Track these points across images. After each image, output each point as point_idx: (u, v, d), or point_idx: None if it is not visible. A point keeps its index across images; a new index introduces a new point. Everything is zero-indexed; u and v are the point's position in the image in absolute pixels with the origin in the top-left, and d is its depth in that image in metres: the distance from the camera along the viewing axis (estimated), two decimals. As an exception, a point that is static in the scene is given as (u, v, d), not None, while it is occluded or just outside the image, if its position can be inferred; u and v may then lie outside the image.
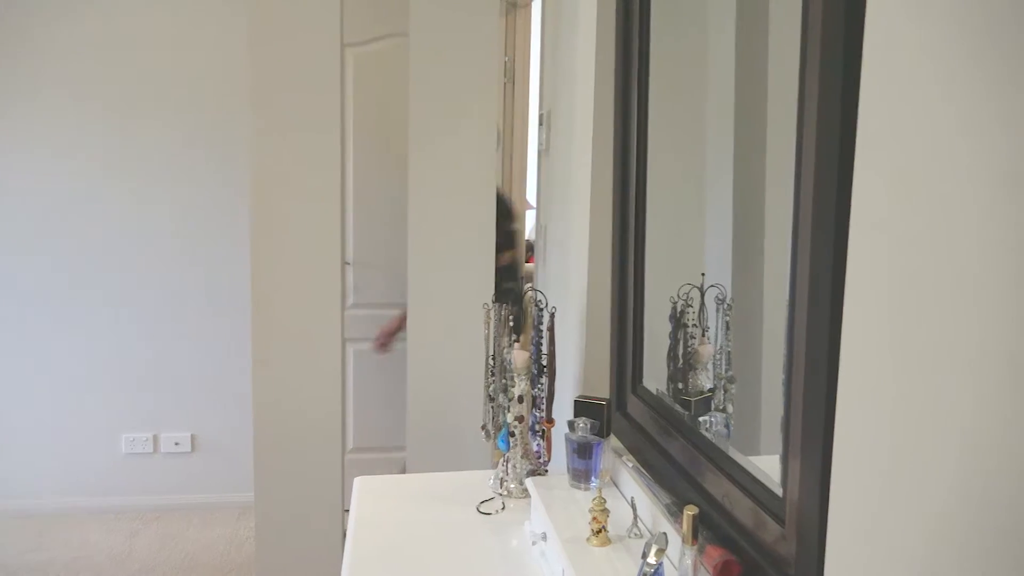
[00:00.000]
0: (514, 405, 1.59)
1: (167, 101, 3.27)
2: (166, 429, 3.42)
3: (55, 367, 3.34)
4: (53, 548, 3.07)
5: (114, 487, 3.42)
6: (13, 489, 3.36)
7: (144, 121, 3.27)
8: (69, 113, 3.22)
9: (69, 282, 3.30)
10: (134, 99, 3.25)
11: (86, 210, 3.28)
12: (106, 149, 3.26)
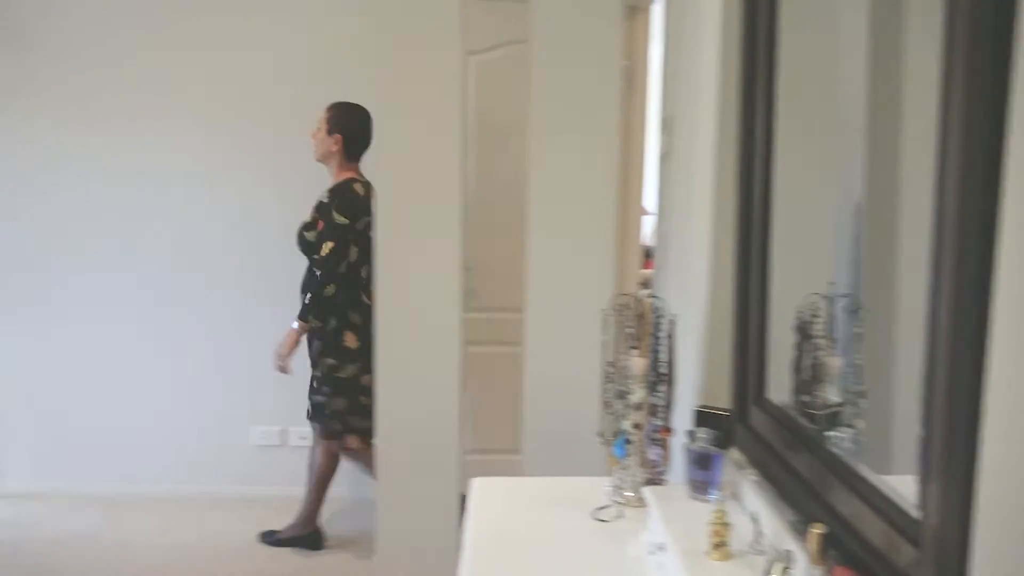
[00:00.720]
0: (631, 412, 1.57)
1: (283, 107, 3.42)
2: (294, 424, 3.57)
3: (192, 362, 3.55)
4: (184, 532, 3.26)
5: (244, 477, 3.60)
6: (152, 475, 3.60)
7: (268, 126, 3.44)
8: (190, 115, 3.43)
9: (205, 282, 3.51)
10: (251, 103, 3.43)
11: (214, 212, 3.48)
12: (237, 151, 3.45)
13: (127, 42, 3.38)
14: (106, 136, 3.43)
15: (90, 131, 3.42)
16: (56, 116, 3.41)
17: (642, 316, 1.62)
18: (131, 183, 3.46)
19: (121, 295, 3.53)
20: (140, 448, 3.60)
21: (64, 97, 3.39)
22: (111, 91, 3.41)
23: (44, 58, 3.37)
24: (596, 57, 2.41)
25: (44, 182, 3.44)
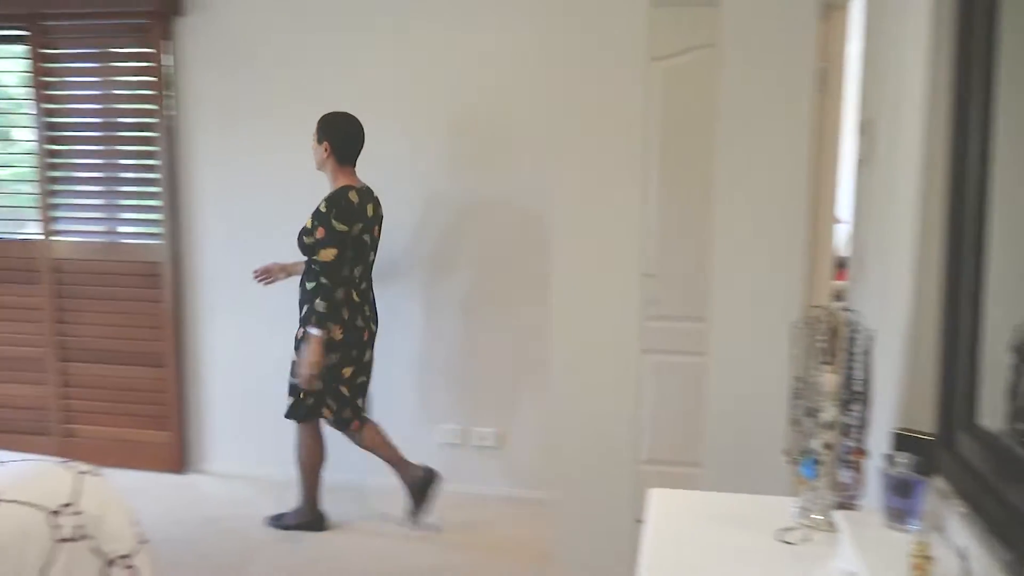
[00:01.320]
0: (822, 431, 1.50)
1: (472, 114, 3.53)
2: (476, 423, 3.69)
3: (382, 358, 3.75)
4: (372, 522, 3.45)
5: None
6: (345, 465, 3.83)
7: (445, 132, 3.57)
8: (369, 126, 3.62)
9: (398, 285, 3.70)
10: (436, 107, 3.57)
11: (397, 213, 3.65)
12: (408, 158, 3.61)
13: (336, 52, 3.63)
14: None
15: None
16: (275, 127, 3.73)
17: (835, 330, 1.54)
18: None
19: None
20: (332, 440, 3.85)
21: (280, 110, 3.70)
22: (320, 98, 3.68)
23: (269, 76, 3.69)
24: (788, 59, 2.32)
25: (259, 182, 3.77)
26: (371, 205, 3.18)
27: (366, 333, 3.22)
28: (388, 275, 3.69)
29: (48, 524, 2.07)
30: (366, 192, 3.18)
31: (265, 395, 3.81)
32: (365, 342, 3.22)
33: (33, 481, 2.17)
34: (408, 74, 3.57)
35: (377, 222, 3.22)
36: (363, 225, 3.10)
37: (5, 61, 3.96)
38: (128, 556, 2.23)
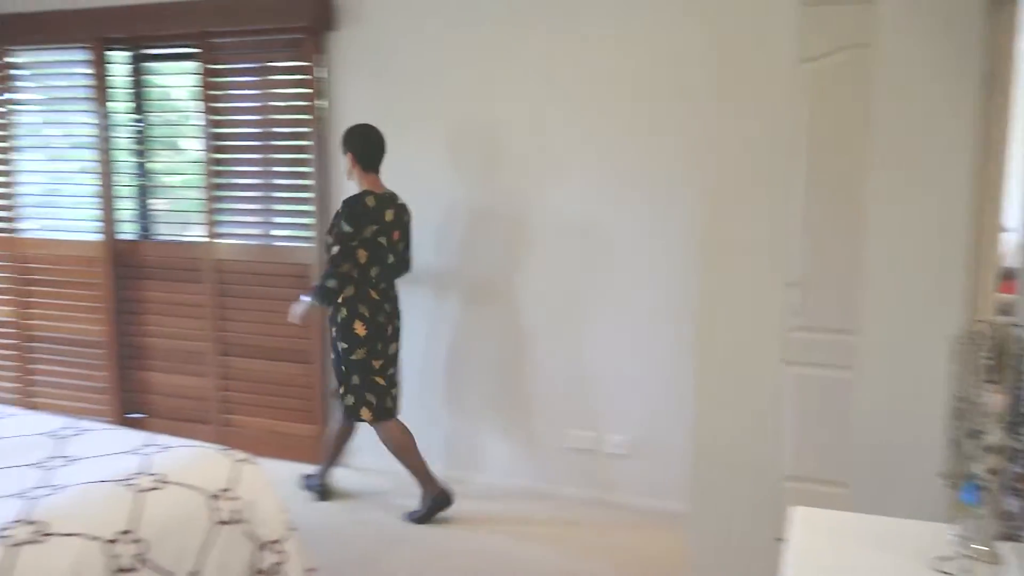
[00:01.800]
0: (986, 455, 1.40)
1: (620, 112, 3.52)
2: (608, 430, 3.68)
3: (514, 362, 3.80)
4: (505, 523, 3.50)
5: (555, 477, 3.77)
6: (475, 465, 3.91)
7: (583, 136, 3.56)
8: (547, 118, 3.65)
9: (529, 289, 3.74)
10: (588, 107, 3.57)
11: (542, 218, 3.68)
12: (579, 155, 3.63)
13: (482, 62, 3.72)
14: (494, 145, 3.81)
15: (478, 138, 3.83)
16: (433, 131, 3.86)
17: (1002, 347, 1.43)
18: (512, 182, 3.79)
19: (473, 285, 3.88)
20: (473, 440, 3.93)
21: (427, 118, 3.83)
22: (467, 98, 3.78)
23: (417, 86, 3.83)
24: (950, 58, 2.19)
25: (404, 188, 3.90)
26: (391, 210, 3.39)
27: (389, 328, 3.45)
28: (520, 280, 3.73)
29: (208, 507, 2.23)
30: (387, 198, 3.40)
31: (406, 391, 3.94)
32: (388, 336, 3.45)
33: (196, 466, 2.34)
34: (553, 80, 3.60)
35: (398, 227, 3.43)
36: (378, 228, 3.33)
37: (178, 76, 4.30)
38: (278, 542, 2.36)
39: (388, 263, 3.42)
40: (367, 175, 3.42)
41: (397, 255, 3.46)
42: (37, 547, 1.86)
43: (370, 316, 3.37)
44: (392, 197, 3.44)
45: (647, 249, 3.54)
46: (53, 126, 4.54)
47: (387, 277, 3.45)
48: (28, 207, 4.56)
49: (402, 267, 3.54)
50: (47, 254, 4.47)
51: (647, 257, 3.54)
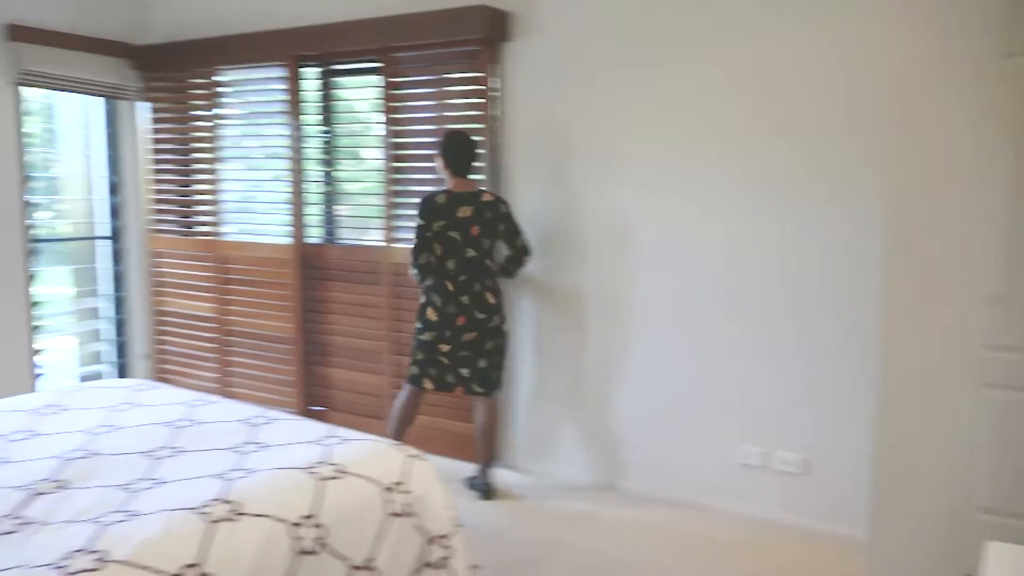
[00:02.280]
0: None
1: (792, 128, 3.38)
2: (779, 446, 3.53)
3: (682, 371, 3.72)
4: (669, 536, 3.43)
5: (726, 493, 3.66)
6: (642, 476, 3.86)
7: (764, 146, 3.43)
8: (690, 139, 3.57)
9: (707, 300, 3.65)
10: (757, 125, 3.44)
11: (712, 228, 3.59)
12: (724, 175, 3.52)
13: (655, 72, 3.69)
14: (670, 145, 3.79)
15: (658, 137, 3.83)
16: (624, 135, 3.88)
17: None
18: (677, 187, 3.75)
19: (647, 299, 3.85)
20: (636, 449, 3.90)
21: (599, 129, 3.84)
22: (664, 96, 3.76)
23: (590, 96, 3.86)
24: None
25: (575, 195, 3.94)
26: (466, 208, 3.63)
27: (460, 319, 3.65)
28: (688, 292, 3.65)
29: (382, 499, 2.34)
30: (465, 196, 3.64)
31: (566, 399, 3.97)
32: (459, 326, 3.66)
33: (372, 459, 2.47)
34: (730, 89, 3.52)
35: (477, 223, 3.64)
36: (446, 223, 3.62)
37: (361, 90, 4.56)
38: (446, 537, 2.44)
39: (466, 257, 3.64)
40: (453, 177, 3.69)
41: (480, 250, 3.66)
42: (232, 524, 2.02)
43: (442, 305, 3.66)
44: (474, 196, 3.65)
45: (820, 261, 3.36)
46: (251, 138, 4.94)
47: (467, 270, 3.65)
48: (229, 212, 4.98)
49: (482, 261, 3.68)
50: (244, 256, 4.86)
51: (819, 270, 3.37)
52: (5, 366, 4.60)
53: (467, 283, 3.66)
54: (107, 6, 4.99)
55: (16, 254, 4.60)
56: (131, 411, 2.91)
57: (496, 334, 3.75)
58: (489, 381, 3.77)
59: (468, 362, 3.73)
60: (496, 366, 3.79)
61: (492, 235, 3.69)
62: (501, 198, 3.76)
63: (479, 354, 3.72)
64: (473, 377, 3.74)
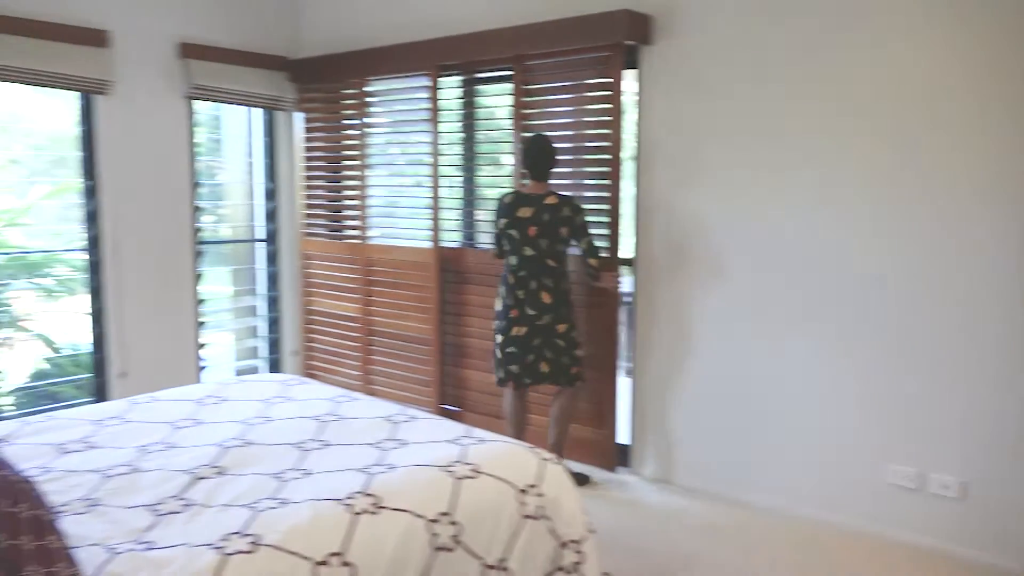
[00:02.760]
0: None
1: (936, 134, 3.17)
2: (935, 468, 3.31)
3: (830, 385, 3.56)
4: (813, 560, 3.28)
5: (872, 515, 3.47)
6: (776, 490, 3.72)
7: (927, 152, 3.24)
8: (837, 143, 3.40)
9: (859, 313, 3.48)
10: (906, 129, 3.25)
11: (867, 239, 3.41)
12: (882, 182, 3.34)
13: (798, 75, 3.57)
14: (787, 154, 3.68)
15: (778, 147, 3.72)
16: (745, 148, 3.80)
17: None
18: (802, 194, 3.64)
19: (793, 308, 3.72)
20: (775, 463, 3.77)
21: (738, 131, 3.75)
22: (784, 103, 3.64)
23: (728, 99, 3.78)
24: None
25: (711, 196, 3.86)
26: (527, 208, 3.80)
27: (514, 311, 3.86)
28: (839, 304, 3.50)
29: (516, 500, 2.37)
30: (530, 198, 3.82)
31: (698, 409, 3.89)
32: (512, 319, 3.86)
33: (507, 461, 2.51)
34: (872, 94, 3.35)
35: (536, 224, 3.77)
36: (508, 221, 3.84)
37: (497, 97, 4.64)
38: (578, 542, 2.44)
39: (525, 255, 3.82)
40: (532, 180, 3.89)
41: (539, 250, 3.79)
42: (373, 517, 2.11)
43: (503, 297, 3.93)
44: (537, 197, 3.80)
45: (984, 274, 3.14)
46: (395, 145, 5.12)
47: (525, 267, 3.83)
48: (374, 217, 5.19)
49: (542, 260, 3.80)
50: (387, 259, 5.05)
51: (983, 283, 3.14)
52: (176, 358, 4.98)
53: (524, 280, 3.83)
54: (267, 23, 5.32)
55: (187, 255, 4.98)
56: (283, 404, 3.08)
57: (546, 332, 3.84)
58: (538, 374, 3.89)
59: (517, 358, 3.88)
60: (545, 359, 3.87)
61: (552, 236, 3.77)
62: (569, 201, 3.80)
63: (528, 350, 3.86)
64: (523, 372, 3.89)
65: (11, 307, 4.89)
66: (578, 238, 3.82)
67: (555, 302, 3.83)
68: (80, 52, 4.35)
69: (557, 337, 3.86)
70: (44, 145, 5.12)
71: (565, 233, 3.79)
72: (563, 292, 3.87)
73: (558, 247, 3.82)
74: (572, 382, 3.92)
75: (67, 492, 2.23)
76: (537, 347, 3.86)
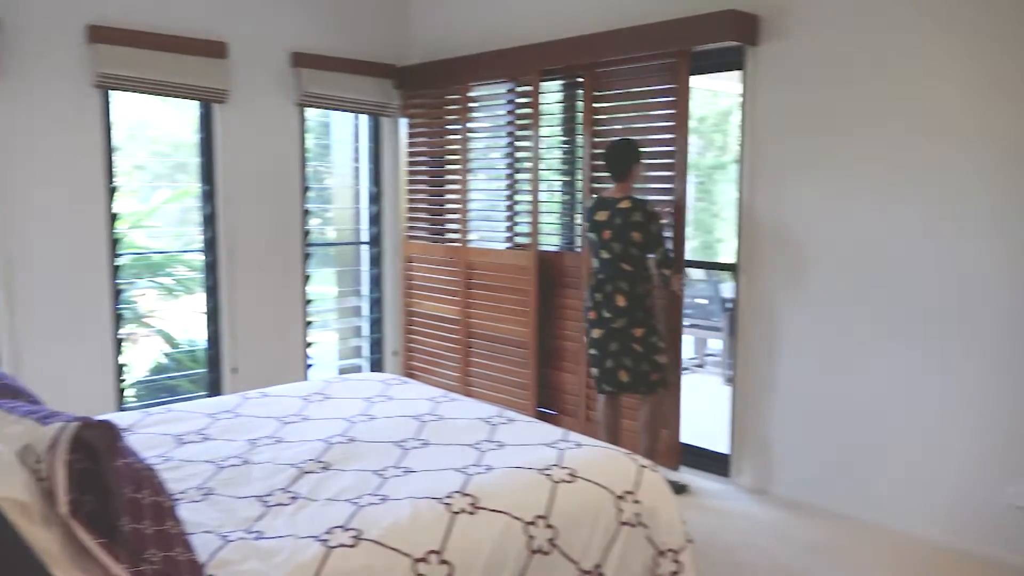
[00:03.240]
0: None
1: None
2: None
3: (943, 399, 3.39)
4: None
5: (991, 537, 3.27)
6: (889, 509, 3.55)
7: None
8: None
9: (968, 327, 3.31)
10: None
11: (977, 248, 3.23)
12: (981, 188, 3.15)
13: (911, 75, 3.42)
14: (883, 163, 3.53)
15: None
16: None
17: None
18: (908, 199, 3.49)
19: (902, 317, 3.56)
20: (887, 481, 3.61)
21: (851, 132, 3.62)
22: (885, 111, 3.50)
23: (839, 100, 3.65)
24: None
25: (818, 201, 3.74)
26: (603, 212, 3.85)
27: (593, 313, 3.90)
28: (965, 320, 3.32)
29: (614, 506, 2.35)
30: (607, 201, 3.86)
31: (800, 419, 3.76)
32: (592, 321, 3.91)
33: (604, 466, 2.49)
34: (994, 96, 3.17)
35: (609, 228, 3.81)
36: (589, 225, 3.92)
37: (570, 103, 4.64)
38: (676, 551, 2.40)
39: (603, 258, 3.86)
40: (616, 183, 3.90)
41: (613, 253, 3.81)
42: (470, 517, 2.13)
43: (585, 299, 4.01)
44: (613, 201, 3.83)
45: None
46: (496, 149, 5.17)
47: (604, 270, 3.87)
48: (474, 220, 5.25)
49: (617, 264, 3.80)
50: (487, 262, 5.10)
51: None
52: (286, 356, 5.18)
53: (603, 282, 3.87)
54: (377, 33, 5.47)
55: (296, 257, 5.17)
56: (384, 403, 3.16)
57: (621, 335, 3.83)
58: (617, 382, 3.86)
59: (597, 361, 3.92)
60: (624, 367, 3.85)
61: (625, 240, 3.77)
62: (642, 206, 3.78)
63: (606, 354, 3.87)
64: (603, 376, 3.92)
65: (135, 304, 5.19)
66: (652, 247, 3.80)
67: (630, 305, 3.81)
68: (201, 63, 4.59)
69: (634, 342, 3.82)
70: (166, 151, 5.42)
71: (637, 238, 3.76)
72: (639, 296, 3.83)
73: (631, 251, 3.79)
74: (654, 389, 3.88)
75: (184, 481, 2.35)
76: (615, 353, 3.85)
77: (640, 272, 3.84)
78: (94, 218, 4.34)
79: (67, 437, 1.57)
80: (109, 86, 4.30)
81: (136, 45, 4.34)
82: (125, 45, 4.30)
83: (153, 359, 5.62)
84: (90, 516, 1.58)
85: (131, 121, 4.93)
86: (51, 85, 4.15)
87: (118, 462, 1.64)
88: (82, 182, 4.30)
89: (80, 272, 4.33)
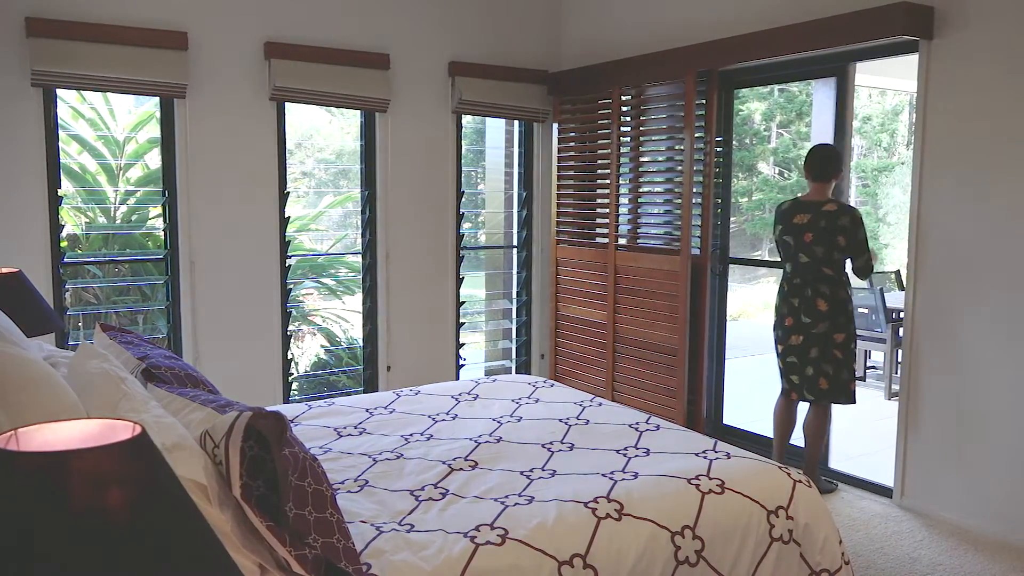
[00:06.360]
0: None
1: None
2: None
3: None
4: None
5: None
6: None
7: None
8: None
9: None
10: None
11: None
12: None
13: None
14: None
15: None
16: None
17: None
18: None
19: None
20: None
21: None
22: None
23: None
24: None
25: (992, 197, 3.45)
26: (803, 215, 3.75)
27: (788, 320, 3.81)
28: None
29: (765, 521, 2.27)
30: (807, 204, 3.76)
31: (971, 438, 3.49)
32: (787, 327, 3.83)
33: (756, 479, 2.40)
34: None
35: (812, 231, 3.71)
36: (783, 228, 3.80)
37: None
38: (832, 572, 2.29)
39: (800, 261, 3.76)
40: (812, 185, 3.82)
41: (814, 256, 3.72)
42: (615, 523, 2.12)
43: (778, 305, 3.89)
44: (815, 204, 3.74)
45: None
46: (648, 152, 5.11)
47: (801, 274, 3.77)
48: (623, 225, 5.22)
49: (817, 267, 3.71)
50: (636, 266, 5.05)
51: None
52: (438, 355, 5.35)
53: (800, 287, 3.77)
54: (530, 40, 5.55)
55: (449, 260, 5.33)
56: (532, 405, 3.20)
57: (822, 341, 3.70)
58: (818, 390, 3.74)
59: (796, 368, 3.82)
60: (824, 374, 3.73)
61: (828, 244, 3.69)
62: (850, 212, 3.72)
63: (806, 361, 3.78)
64: (802, 383, 3.81)
65: (302, 303, 5.52)
66: (855, 254, 3.71)
67: (832, 310, 3.71)
68: (366, 75, 4.82)
69: (836, 348, 3.73)
70: (330, 159, 5.73)
71: (842, 243, 3.68)
72: (840, 301, 3.74)
73: (834, 255, 3.70)
74: (852, 399, 3.79)
75: (343, 472, 2.47)
76: (815, 359, 3.75)
77: (840, 276, 3.76)
78: (268, 222, 4.66)
79: (241, 426, 1.69)
80: (284, 98, 4.60)
81: (308, 59, 4.62)
82: (298, 60, 4.58)
83: (315, 355, 5.95)
84: (259, 500, 1.70)
85: (300, 131, 5.26)
86: (234, 98, 4.49)
87: (286, 451, 1.75)
88: (258, 189, 4.62)
89: (255, 273, 4.65)
